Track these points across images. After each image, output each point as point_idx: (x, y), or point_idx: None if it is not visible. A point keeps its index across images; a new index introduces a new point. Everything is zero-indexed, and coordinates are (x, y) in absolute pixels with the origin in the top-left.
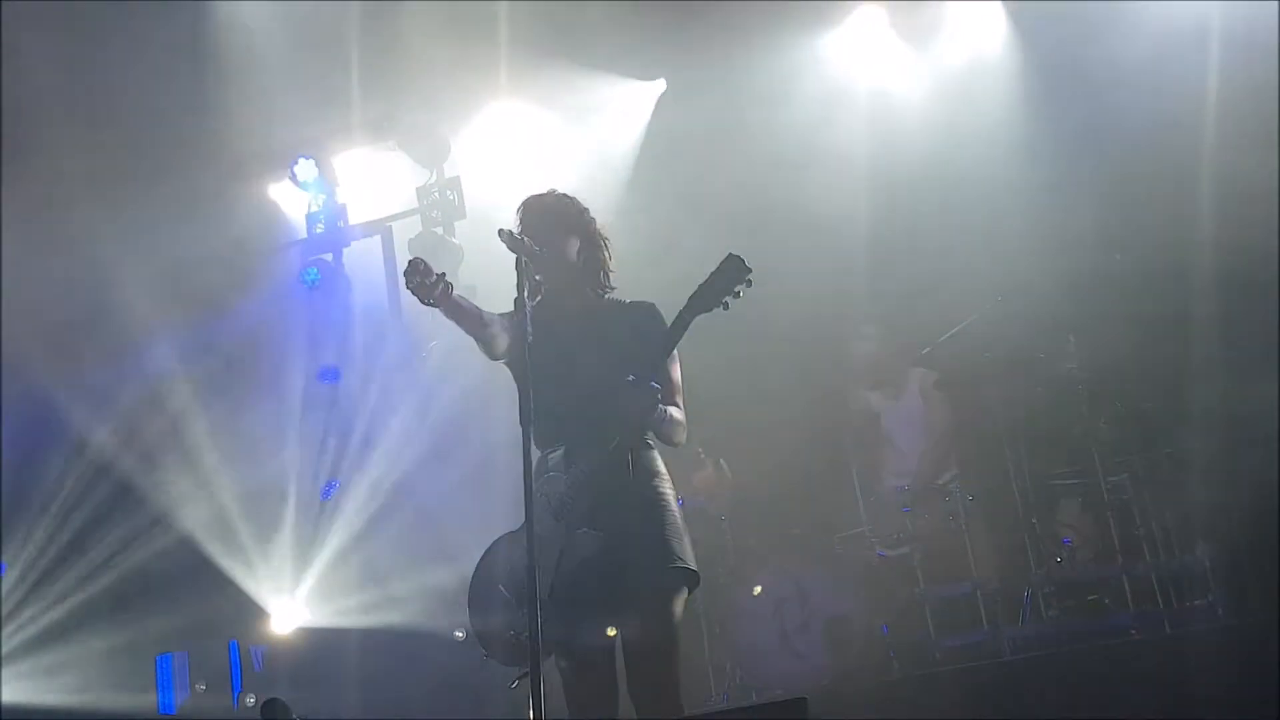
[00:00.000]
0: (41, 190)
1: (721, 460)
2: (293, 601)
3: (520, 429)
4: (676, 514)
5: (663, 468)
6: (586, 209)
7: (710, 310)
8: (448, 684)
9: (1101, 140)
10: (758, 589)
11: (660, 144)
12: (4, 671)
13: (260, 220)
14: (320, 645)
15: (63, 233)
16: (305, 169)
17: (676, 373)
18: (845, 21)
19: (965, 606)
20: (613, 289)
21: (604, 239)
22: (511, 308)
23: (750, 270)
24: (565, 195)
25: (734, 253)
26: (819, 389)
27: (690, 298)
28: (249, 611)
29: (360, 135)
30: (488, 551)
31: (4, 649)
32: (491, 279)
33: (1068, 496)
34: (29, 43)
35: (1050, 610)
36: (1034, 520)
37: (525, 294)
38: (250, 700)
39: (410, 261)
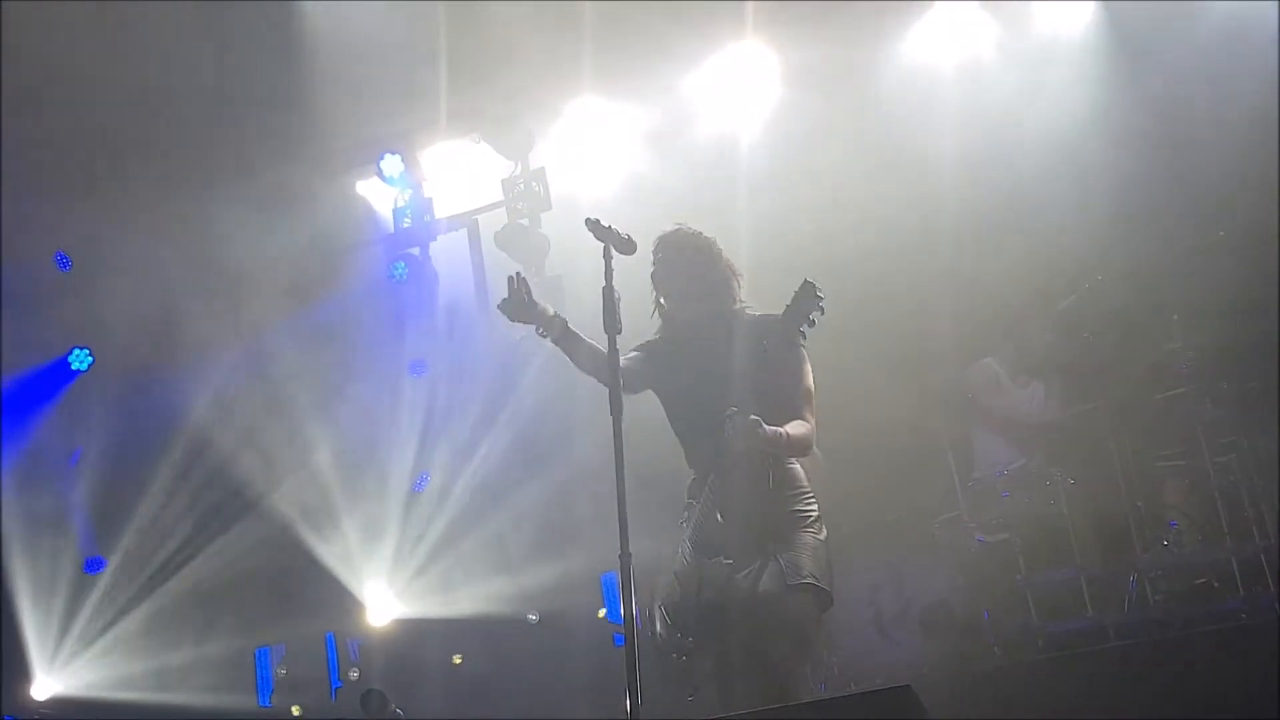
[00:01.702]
0: (133, 190)
1: (815, 448)
2: (388, 593)
3: (679, 440)
4: (815, 530)
5: (801, 480)
6: (714, 240)
7: (791, 339)
8: (540, 671)
9: (1199, 112)
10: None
11: (748, 135)
12: (104, 664)
13: (348, 215)
14: (415, 636)
15: (155, 229)
16: (391, 164)
17: (802, 380)
18: (935, 7)
19: (1068, 592)
20: (745, 306)
21: (734, 270)
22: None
23: (823, 297)
24: (696, 231)
25: (808, 279)
26: (914, 372)
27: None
28: (345, 604)
29: (445, 129)
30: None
31: (105, 644)
32: (578, 269)
33: (1173, 478)
34: (119, 38)
35: (1157, 594)
36: (1139, 503)
37: (612, 282)
38: (354, 674)
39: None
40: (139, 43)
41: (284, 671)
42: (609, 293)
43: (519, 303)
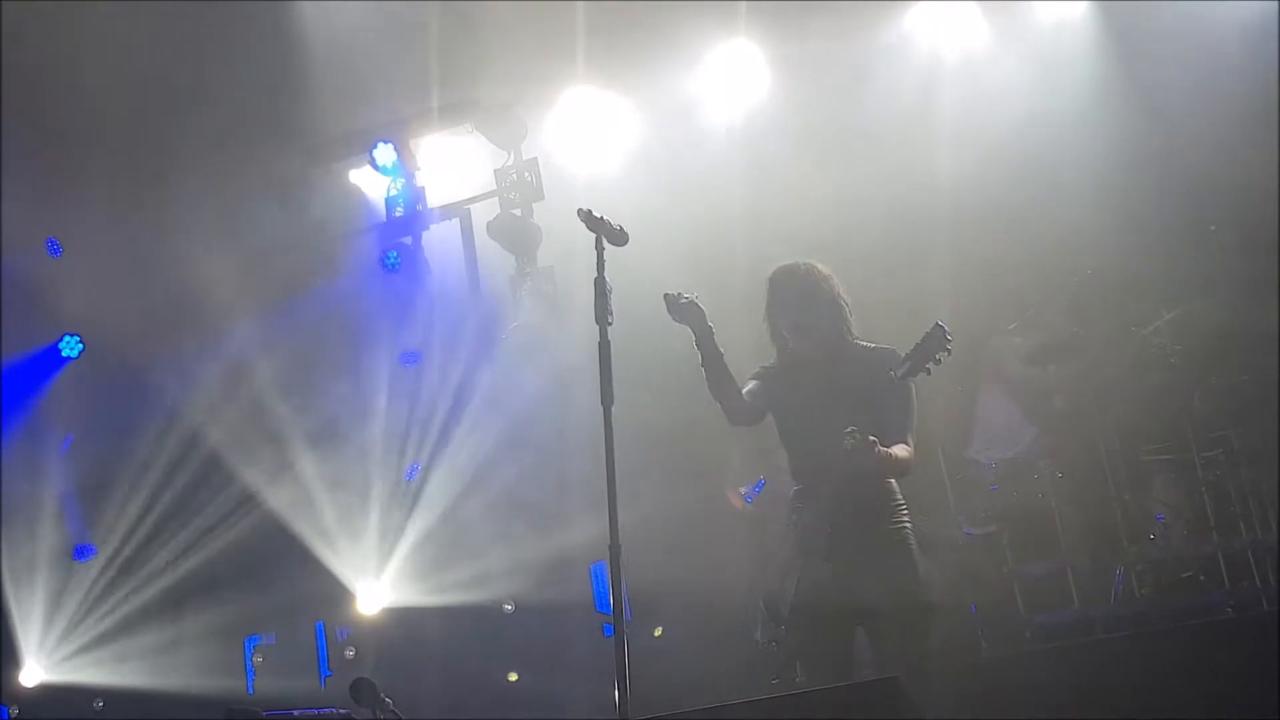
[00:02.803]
0: (127, 175)
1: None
2: (378, 583)
3: (788, 454)
4: (915, 547)
5: (898, 495)
6: (830, 274)
7: (916, 376)
8: (528, 659)
9: (1193, 108)
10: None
11: (741, 127)
12: (94, 654)
13: (341, 204)
14: (405, 625)
15: (147, 216)
16: (384, 153)
17: (909, 410)
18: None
19: (1055, 585)
20: (857, 339)
21: (845, 300)
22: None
23: (950, 340)
24: (809, 265)
25: (939, 323)
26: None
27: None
28: (335, 593)
29: (438, 119)
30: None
31: (94, 631)
32: (570, 259)
33: (1161, 472)
34: (115, 30)
35: (1143, 588)
36: (1126, 496)
37: (604, 273)
38: (350, 653)
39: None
40: (134, 33)
41: (260, 660)
42: (600, 284)
43: (680, 304)
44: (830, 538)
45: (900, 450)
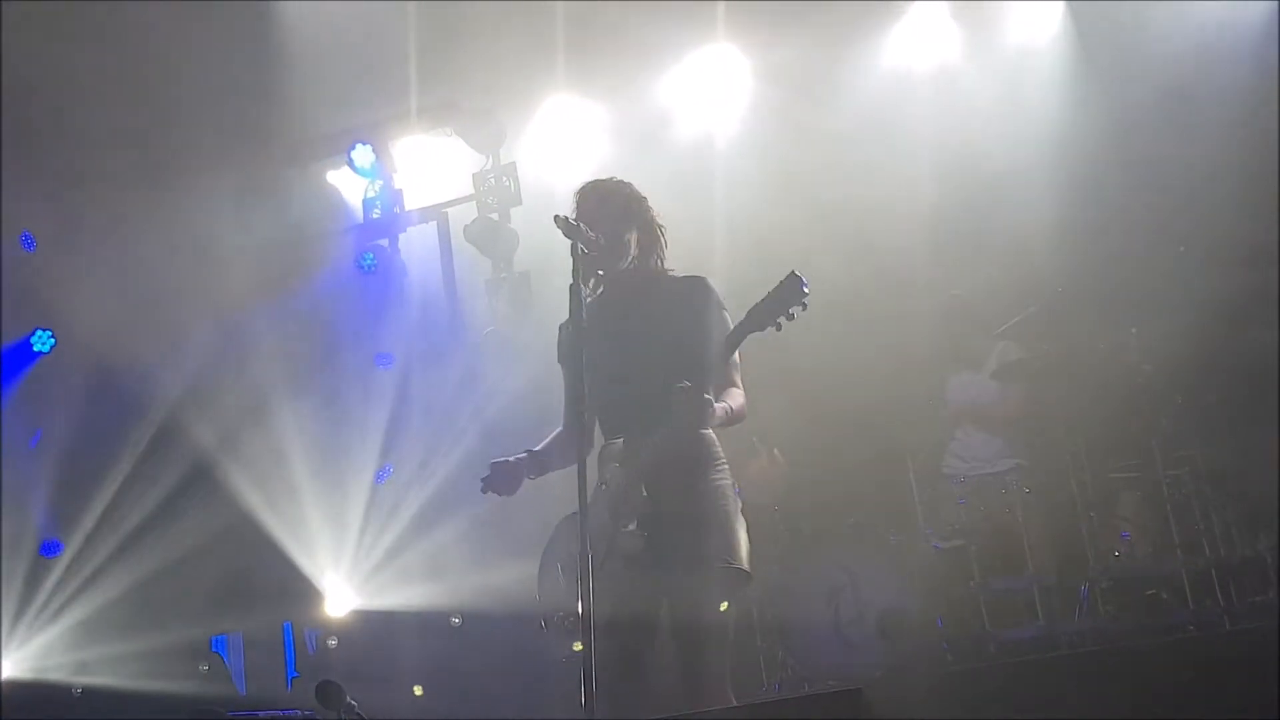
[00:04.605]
0: (102, 176)
1: (775, 450)
2: (347, 585)
3: (597, 403)
4: (732, 506)
5: (719, 452)
6: (644, 196)
7: (764, 330)
8: (500, 664)
9: (1162, 129)
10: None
11: (722, 136)
12: (60, 651)
13: (318, 205)
14: (373, 628)
15: (122, 213)
16: (362, 155)
17: (734, 355)
18: (909, 13)
19: (1021, 600)
20: (669, 269)
21: (660, 226)
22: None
23: (807, 292)
24: (623, 181)
25: (795, 272)
26: (876, 378)
27: (746, 314)
28: (303, 594)
29: (417, 121)
30: (555, 531)
31: (60, 628)
32: (546, 265)
33: (1127, 490)
34: (94, 31)
35: (1107, 605)
36: (1092, 514)
37: (580, 279)
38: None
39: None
40: (113, 35)
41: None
42: (576, 290)
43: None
44: (646, 499)
45: (735, 397)
